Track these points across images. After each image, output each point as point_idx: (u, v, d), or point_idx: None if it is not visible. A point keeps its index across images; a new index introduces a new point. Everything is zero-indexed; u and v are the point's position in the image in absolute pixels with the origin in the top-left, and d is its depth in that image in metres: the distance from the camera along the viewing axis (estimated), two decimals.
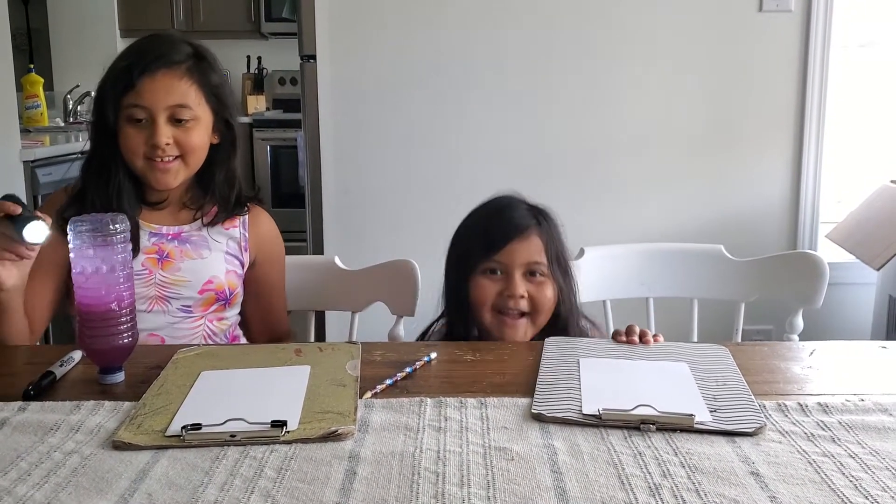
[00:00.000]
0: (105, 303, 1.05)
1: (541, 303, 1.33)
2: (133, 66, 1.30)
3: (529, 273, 1.33)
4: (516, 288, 1.31)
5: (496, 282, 1.32)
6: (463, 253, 1.37)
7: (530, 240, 1.33)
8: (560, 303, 1.35)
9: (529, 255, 1.32)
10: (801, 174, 2.63)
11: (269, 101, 5.39)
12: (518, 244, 1.32)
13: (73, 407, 0.98)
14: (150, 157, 1.32)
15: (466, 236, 1.38)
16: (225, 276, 1.40)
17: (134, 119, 1.31)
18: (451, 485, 0.79)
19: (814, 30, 2.54)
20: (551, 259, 1.34)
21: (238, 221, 1.44)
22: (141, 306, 1.33)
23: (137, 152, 1.32)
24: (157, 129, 1.30)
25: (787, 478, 0.81)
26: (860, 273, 2.53)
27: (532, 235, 1.33)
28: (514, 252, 1.32)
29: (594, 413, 0.93)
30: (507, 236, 1.32)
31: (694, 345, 1.22)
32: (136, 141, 1.31)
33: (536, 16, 2.55)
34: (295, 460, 0.84)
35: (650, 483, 0.80)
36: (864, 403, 0.98)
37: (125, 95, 1.30)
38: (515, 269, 1.32)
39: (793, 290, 1.62)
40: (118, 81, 1.30)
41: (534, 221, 1.35)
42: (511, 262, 1.32)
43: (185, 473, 0.82)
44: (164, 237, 1.37)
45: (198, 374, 1.07)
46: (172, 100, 1.31)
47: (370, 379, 1.05)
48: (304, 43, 2.53)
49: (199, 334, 1.39)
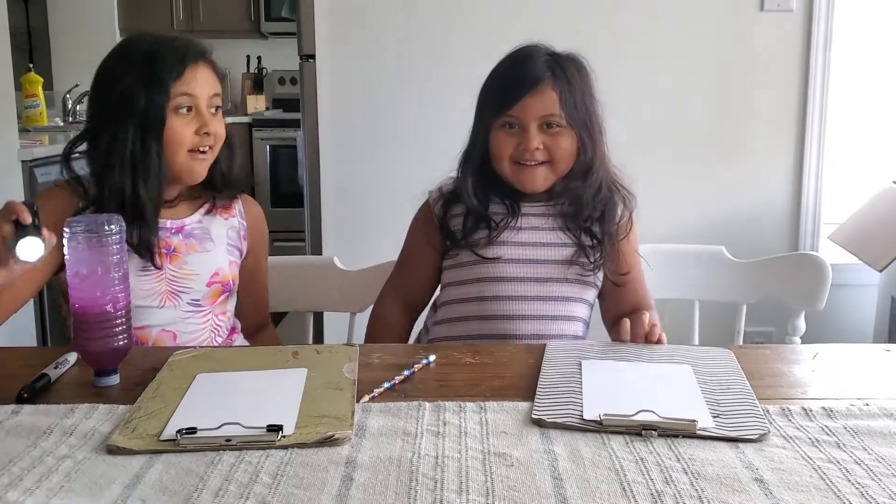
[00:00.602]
0: (100, 304, 1.04)
1: (557, 153, 1.36)
2: (184, 56, 1.29)
3: (546, 125, 1.35)
4: (530, 141, 1.34)
5: (513, 135, 1.36)
6: (484, 107, 1.41)
7: (544, 93, 1.34)
8: (581, 153, 1.37)
9: (544, 108, 1.34)
10: (802, 175, 2.62)
11: (269, 101, 5.38)
12: (531, 98, 1.34)
13: (67, 410, 0.96)
14: (195, 148, 1.31)
15: (486, 91, 1.42)
16: (229, 267, 1.40)
17: (179, 109, 1.29)
18: (449, 491, 0.78)
19: (815, 30, 2.53)
20: (569, 109, 1.35)
21: (235, 211, 1.44)
22: (153, 302, 1.32)
23: (185, 143, 1.30)
24: (205, 117, 1.31)
25: (791, 484, 0.79)
26: (862, 274, 2.52)
27: (546, 88, 1.34)
28: (528, 106, 1.34)
29: (595, 419, 0.92)
30: (520, 91, 1.34)
31: (698, 348, 1.20)
32: (185, 130, 1.29)
33: (536, 16, 2.53)
34: (291, 465, 0.83)
35: (652, 490, 0.78)
36: (870, 408, 0.97)
37: (175, 84, 1.28)
38: (530, 123, 1.34)
39: (795, 292, 1.61)
40: (169, 71, 1.27)
41: (548, 73, 1.35)
42: (525, 115, 1.34)
43: (180, 478, 0.80)
44: (169, 231, 1.35)
45: (193, 376, 1.06)
46: (213, 89, 1.33)
47: (368, 382, 1.03)
48: (304, 42, 2.52)
49: (207, 328, 1.38)
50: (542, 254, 1.39)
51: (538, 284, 1.38)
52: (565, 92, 1.34)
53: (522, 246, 1.39)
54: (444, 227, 1.43)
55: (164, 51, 1.30)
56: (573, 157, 1.38)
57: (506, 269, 1.38)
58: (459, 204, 1.42)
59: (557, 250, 1.40)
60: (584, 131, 1.36)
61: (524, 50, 1.40)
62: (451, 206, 1.43)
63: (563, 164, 1.37)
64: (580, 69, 1.39)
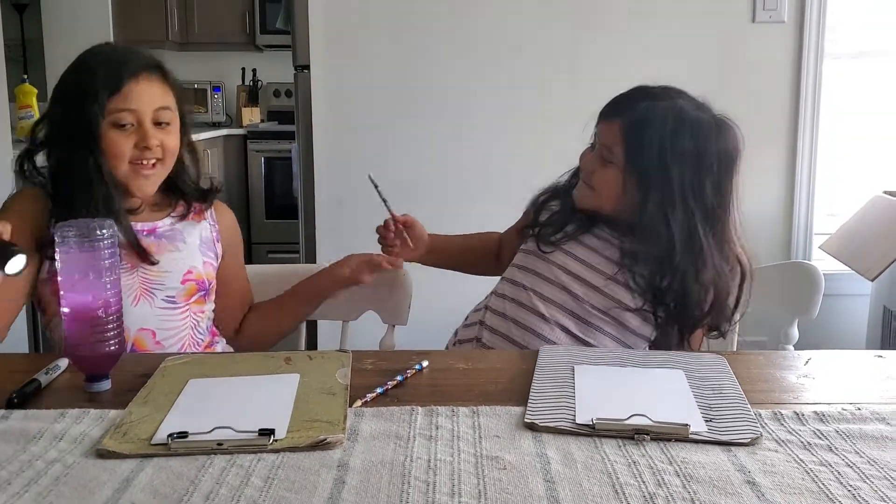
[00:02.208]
0: (92, 309, 1.03)
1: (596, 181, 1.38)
2: (120, 72, 1.30)
3: (602, 158, 1.36)
4: (582, 159, 1.42)
5: (584, 154, 1.42)
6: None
7: (612, 123, 1.36)
8: (639, 201, 1.32)
9: (605, 137, 1.37)
10: (794, 184, 2.63)
11: (264, 113, 5.38)
12: (601, 126, 1.40)
13: (58, 415, 0.96)
14: (136, 161, 1.32)
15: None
16: (203, 266, 1.42)
17: (120, 124, 1.30)
18: (441, 494, 0.77)
19: (807, 41, 2.55)
20: (634, 150, 1.32)
21: (206, 215, 1.47)
22: (126, 299, 1.31)
23: (124, 157, 1.31)
24: (147, 131, 1.31)
25: (784, 487, 0.79)
26: (854, 284, 2.53)
27: (615, 125, 1.36)
28: (602, 131, 1.39)
29: (588, 423, 0.92)
30: (601, 116, 1.41)
31: (691, 354, 1.20)
32: (124, 145, 1.31)
33: (531, 23, 2.55)
34: (282, 469, 0.83)
35: (644, 492, 0.78)
36: (861, 412, 0.97)
37: (111, 100, 1.29)
38: (599, 145, 1.38)
39: (788, 301, 1.61)
40: (104, 86, 1.29)
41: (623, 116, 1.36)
42: (599, 137, 1.39)
43: (170, 482, 0.80)
44: (140, 233, 1.37)
45: (185, 382, 1.05)
46: (157, 103, 1.33)
47: (360, 387, 1.03)
48: (298, 53, 2.53)
49: (186, 326, 1.38)
50: (588, 274, 1.37)
51: (572, 299, 1.36)
52: (636, 133, 1.31)
53: (575, 260, 1.39)
54: (537, 212, 1.48)
55: (101, 65, 1.32)
56: (617, 196, 1.34)
57: (551, 270, 1.38)
58: (557, 200, 1.47)
59: (606, 282, 1.35)
60: (646, 180, 1.30)
61: (633, 90, 1.42)
62: (550, 201, 1.49)
63: (604, 197, 1.37)
64: (693, 133, 1.31)
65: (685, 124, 1.31)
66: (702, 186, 1.30)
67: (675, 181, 1.29)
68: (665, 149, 1.29)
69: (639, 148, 1.31)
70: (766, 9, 2.54)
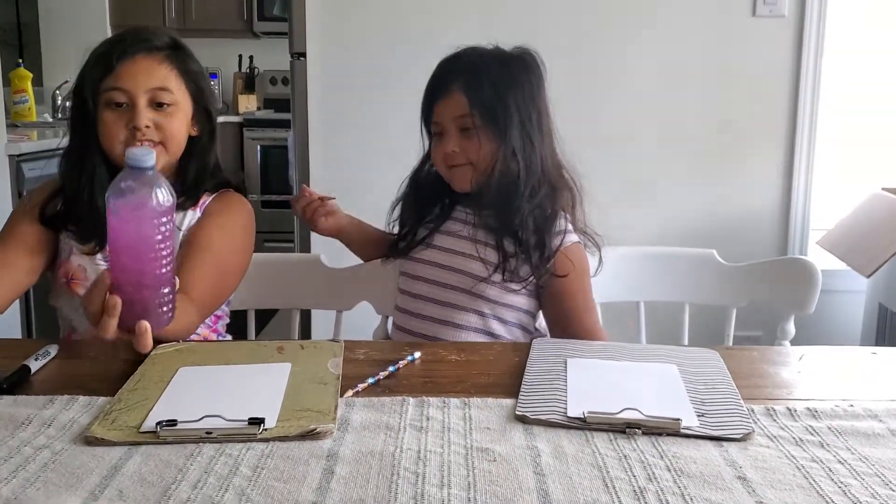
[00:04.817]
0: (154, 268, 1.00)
1: (472, 154, 1.37)
2: (112, 51, 1.29)
3: (462, 128, 1.37)
4: (446, 145, 1.38)
5: (439, 141, 1.40)
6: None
7: (453, 96, 1.36)
8: (503, 151, 1.35)
9: (454, 111, 1.36)
10: (792, 180, 2.63)
11: (261, 101, 5.36)
12: (443, 103, 1.38)
13: (47, 401, 0.95)
14: (130, 142, 1.30)
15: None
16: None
17: (113, 103, 1.29)
18: (430, 485, 0.77)
19: (807, 35, 2.54)
20: (482, 110, 1.35)
21: (199, 203, 1.41)
22: None
23: (117, 138, 1.30)
24: (138, 111, 1.29)
25: (774, 483, 0.79)
26: (850, 280, 2.53)
27: (455, 92, 1.36)
28: (442, 112, 1.38)
29: (579, 416, 0.92)
30: (432, 96, 1.40)
31: (684, 348, 1.20)
32: (116, 126, 1.30)
33: (531, 17, 2.54)
34: (272, 458, 0.82)
35: (635, 487, 0.78)
36: (854, 409, 0.97)
37: (104, 79, 1.28)
38: (449, 127, 1.38)
39: (785, 296, 1.61)
40: (96, 66, 1.29)
41: (458, 77, 1.37)
42: (443, 120, 1.38)
43: (158, 470, 0.79)
44: None
45: (175, 370, 1.05)
46: (153, 83, 1.31)
47: (352, 377, 1.02)
48: (295, 40, 2.52)
49: None
50: (450, 260, 1.41)
51: (437, 288, 1.41)
52: (477, 93, 1.35)
53: (439, 250, 1.43)
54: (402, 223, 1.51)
55: (101, 46, 1.32)
56: (487, 163, 1.36)
57: (414, 267, 1.45)
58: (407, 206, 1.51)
59: (464, 261, 1.40)
60: (508, 130, 1.35)
61: (449, 56, 1.42)
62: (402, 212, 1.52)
63: (483, 165, 1.37)
64: (509, 67, 1.38)
65: (499, 59, 1.39)
66: (533, 108, 1.38)
67: (523, 113, 1.37)
68: (499, 83, 1.36)
69: (482, 95, 1.35)
70: (766, 3, 2.53)
